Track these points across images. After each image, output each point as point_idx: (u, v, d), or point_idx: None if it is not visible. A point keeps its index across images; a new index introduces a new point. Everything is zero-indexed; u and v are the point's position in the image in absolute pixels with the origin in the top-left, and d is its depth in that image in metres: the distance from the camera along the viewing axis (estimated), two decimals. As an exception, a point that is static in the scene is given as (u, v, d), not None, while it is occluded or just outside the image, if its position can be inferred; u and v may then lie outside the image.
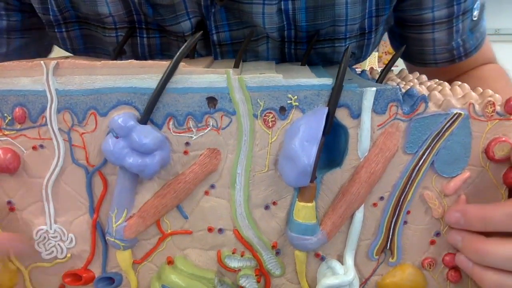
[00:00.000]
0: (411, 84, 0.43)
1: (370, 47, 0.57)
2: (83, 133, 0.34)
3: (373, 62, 2.25)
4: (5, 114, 0.34)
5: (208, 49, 0.53)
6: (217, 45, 0.53)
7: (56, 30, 0.54)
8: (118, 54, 0.52)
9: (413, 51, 0.60)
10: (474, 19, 0.58)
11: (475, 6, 0.57)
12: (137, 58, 0.47)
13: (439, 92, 0.36)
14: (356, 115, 0.34)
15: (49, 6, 0.51)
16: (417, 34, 0.58)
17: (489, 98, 0.34)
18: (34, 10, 0.55)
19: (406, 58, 0.64)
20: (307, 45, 0.53)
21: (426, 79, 0.47)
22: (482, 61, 0.66)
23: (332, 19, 0.51)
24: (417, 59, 0.61)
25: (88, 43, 0.56)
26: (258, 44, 0.53)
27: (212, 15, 0.50)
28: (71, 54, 0.56)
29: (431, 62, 0.61)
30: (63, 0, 0.51)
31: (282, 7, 0.49)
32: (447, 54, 0.60)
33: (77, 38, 0.55)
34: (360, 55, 0.58)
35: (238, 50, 0.53)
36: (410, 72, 0.51)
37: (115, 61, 0.33)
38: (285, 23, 0.51)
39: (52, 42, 0.62)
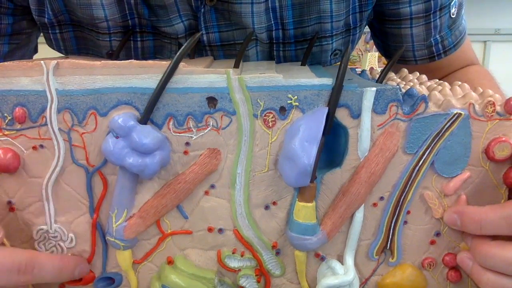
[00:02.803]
0: (411, 84, 0.43)
1: (355, 42, 0.59)
2: (83, 133, 0.34)
3: (373, 62, 2.25)
4: (5, 114, 0.34)
5: (199, 51, 0.54)
6: (207, 46, 0.53)
7: (50, 31, 0.55)
8: (116, 59, 0.52)
9: (393, 47, 0.62)
10: (452, 16, 0.59)
11: (452, 3, 0.58)
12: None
13: (439, 92, 0.36)
14: (356, 115, 0.34)
15: (45, 9, 0.51)
16: (395, 29, 0.59)
17: (489, 98, 0.34)
18: (24, 13, 0.55)
19: (387, 56, 0.65)
20: (295, 46, 0.54)
21: (426, 79, 0.47)
22: (464, 62, 0.67)
23: (318, 15, 0.52)
24: None
25: (81, 44, 0.56)
26: (248, 47, 0.53)
27: (201, 15, 0.50)
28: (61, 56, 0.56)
29: (410, 59, 0.62)
30: (58, 4, 0.51)
31: (270, 5, 0.50)
32: (426, 51, 0.61)
33: (70, 39, 0.56)
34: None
35: (229, 53, 0.54)
36: (395, 72, 0.52)
37: (115, 61, 0.33)
38: (272, 22, 0.52)
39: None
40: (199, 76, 0.33)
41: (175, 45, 0.54)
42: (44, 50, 0.60)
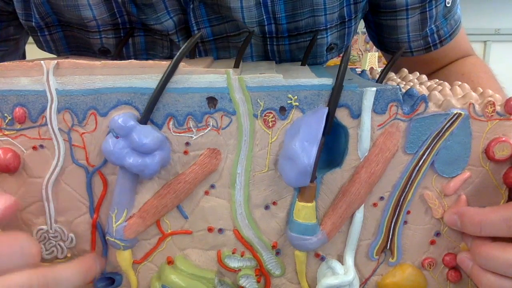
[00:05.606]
0: (411, 84, 0.43)
1: (350, 36, 0.58)
2: (83, 133, 0.34)
3: (373, 62, 2.25)
4: (5, 114, 0.34)
5: (192, 48, 0.53)
6: (199, 42, 0.53)
7: (39, 34, 0.54)
8: (115, 59, 0.52)
9: (388, 39, 0.61)
10: (448, 5, 0.58)
11: None
12: (121, 58, 0.47)
13: (439, 92, 0.36)
14: (356, 115, 0.34)
15: (32, 13, 0.51)
16: (391, 20, 0.58)
17: (489, 98, 0.34)
18: (10, 19, 0.54)
19: (382, 48, 0.65)
20: (288, 40, 0.54)
21: (426, 79, 0.47)
22: (459, 52, 0.66)
23: (311, 8, 0.51)
24: (392, 47, 0.62)
25: (72, 43, 0.56)
26: (241, 39, 0.53)
27: (191, 11, 0.50)
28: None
29: (406, 51, 0.61)
30: (44, 8, 0.50)
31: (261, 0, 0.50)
32: (422, 41, 0.60)
33: (60, 39, 0.55)
34: (342, 45, 0.58)
35: (221, 46, 0.54)
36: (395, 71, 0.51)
37: (115, 61, 0.33)
38: (264, 16, 0.51)
39: (24, 56, 0.62)
40: (199, 76, 0.33)
41: (166, 41, 0.53)
42: (37, 50, 0.59)
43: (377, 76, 0.42)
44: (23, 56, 0.63)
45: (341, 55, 0.58)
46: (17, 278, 0.29)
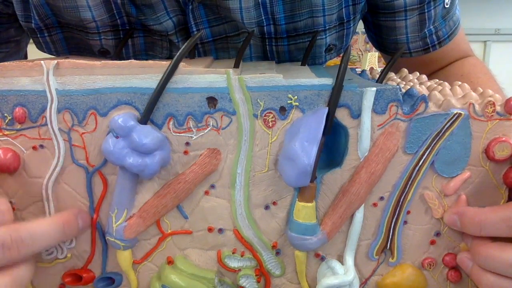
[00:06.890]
0: (411, 84, 0.43)
1: (349, 36, 0.58)
2: (83, 133, 0.34)
3: (373, 62, 2.25)
4: (5, 114, 0.34)
5: (191, 48, 0.53)
6: (199, 43, 0.53)
7: (38, 36, 0.54)
8: (115, 59, 0.52)
9: (387, 40, 0.61)
10: (446, 6, 0.58)
11: None
12: (121, 59, 0.47)
13: (439, 92, 0.36)
14: (356, 115, 0.34)
15: (31, 15, 0.51)
16: (390, 21, 0.58)
17: (489, 98, 0.34)
18: (11, 21, 0.54)
19: (381, 49, 0.65)
20: (287, 41, 0.54)
21: (426, 79, 0.47)
22: (459, 53, 0.66)
23: (309, 9, 0.51)
24: (391, 49, 0.62)
25: (72, 44, 0.56)
26: (240, 39, 0.53)
27: (190, 12, 0.50)
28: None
29: (405, 52, 0.61)
30: (44, 9, 0.51)
31: (260, 0, 0.50)
32: (421, 43, 0.60)
33: (60, 41, 0.55)
34: (341, 46, 0.58)
35: (221, 47, 0.54)
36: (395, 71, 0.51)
37: (115, 61, 0.33)
38: (263, 17, 0.51)
39: (25, 57, 0.62)
40: (199, 76, 0.33)
41: (166, 42, 0.54)
42: (38, 51, 0.60)
43: (377, 76, 0.42)
44: (25, 57, 0.63)
45: (340, 55, 0.58)
46: None
